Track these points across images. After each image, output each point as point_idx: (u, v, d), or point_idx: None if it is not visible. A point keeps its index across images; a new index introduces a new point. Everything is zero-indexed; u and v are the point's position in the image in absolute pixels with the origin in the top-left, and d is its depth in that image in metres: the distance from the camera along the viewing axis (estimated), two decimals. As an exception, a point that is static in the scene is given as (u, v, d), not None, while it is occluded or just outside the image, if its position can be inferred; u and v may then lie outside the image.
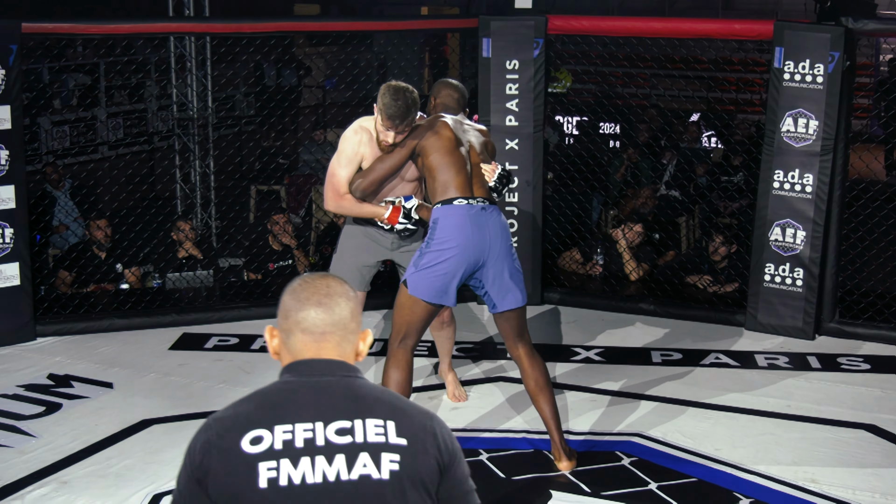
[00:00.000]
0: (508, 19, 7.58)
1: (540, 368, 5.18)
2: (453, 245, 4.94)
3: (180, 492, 2.35)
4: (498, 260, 5.01)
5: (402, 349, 5.08)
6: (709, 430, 5.66)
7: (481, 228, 4.97)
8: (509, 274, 5.04)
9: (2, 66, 6.61)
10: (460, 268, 4.96)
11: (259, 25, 7.49)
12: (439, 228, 4.98)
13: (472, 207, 4.99)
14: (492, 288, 5.06)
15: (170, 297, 7.79)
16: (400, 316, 5.08)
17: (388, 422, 2.37)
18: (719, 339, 7.16)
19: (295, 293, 2.45)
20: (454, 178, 5.04)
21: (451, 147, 5.09)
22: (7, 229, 6.78)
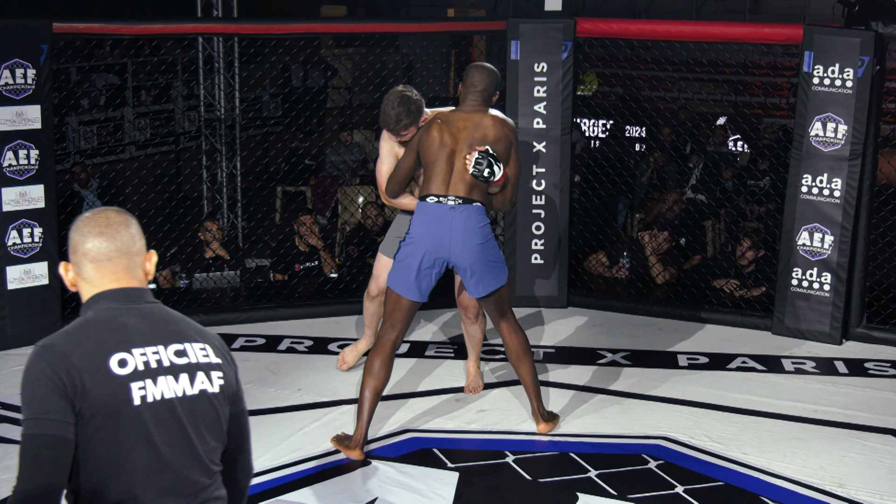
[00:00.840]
0: (537, 22, 7.58)
1: (519, 339, 5.55)
2: (419, 239, 5.33)
3: (47, 410, 2.58)
4: (464, 258, 5.31)
5: (386, 339, 5.40)
6: (736, 434, 5.64)
7: (443, 226, 5.29)
8: (479, 267, 5.33)
9: (32, 66, 6.65)
10: (425, 263, 5.32)
11: (287, 27, 7.51)
12: (412, 223, 5.41)
13: (440, 206, 5.31)
14: (465, 278, 5.43)
15: (197, 297, 7.82)
16: (386, 305, 5.48)
17: (206, 344, 2.84)
18: (746, 344, 7.14)
19: (79, 228, 2.77)
20: (433, 177, 5.37)
21: (434, 147, 5.37)
22: (36, 228, 6.82)
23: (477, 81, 5.49)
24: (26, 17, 7.11)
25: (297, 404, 5.97)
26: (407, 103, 5.58)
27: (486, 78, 5.49)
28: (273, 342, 7.02)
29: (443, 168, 5.35)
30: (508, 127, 5.48)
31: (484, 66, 5.56)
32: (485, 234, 5.36)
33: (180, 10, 15.38)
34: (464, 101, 5.50)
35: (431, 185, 5.36)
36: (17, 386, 5.96)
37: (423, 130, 5.47)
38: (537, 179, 7.62)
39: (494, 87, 5.53)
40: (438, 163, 5.36)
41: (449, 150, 5.35)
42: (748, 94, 16.39)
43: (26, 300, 6.83)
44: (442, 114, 5.52)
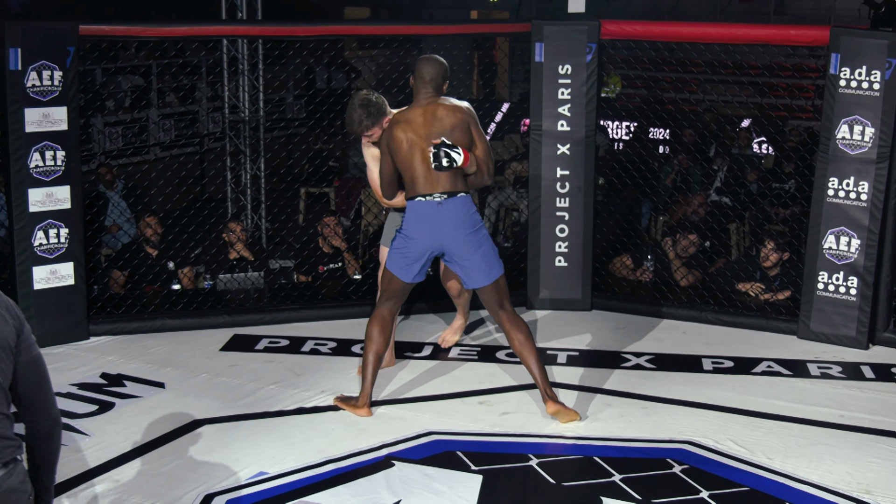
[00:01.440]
0: (562, 24, 7.56)
1: (521, 329, 5.83)
2: (413, 237, 5.74)
3: None
4: (457, 247, 5.72)
5: (384, 309, 5.88)
6: (761, 439, 5.61)
7: (433, 222, 5.69)
8: (473, 258, 5.72)
9: (59, 68, 6.68)
10: (420, 254, 5.76)
11: (312, 29, 7.50)
12: (405, 221, 5.80)
13: (428, 203, 5.70)
14: (459, 270, 5.80)
15: (221, 298, 7.83)
16: (383, 281, 5.94)
17: None
18: (771, 348, 7.10)
19: None
20: (416, 177, 5.72)
21: (403, 148, 5.75)
22: (62, 229, 6.85)
23: (426, 73, 5.83)
24: (53, 20, 7.13)
25: (322, 406, 5.97)
26: (367, 106, 5.88)
27: (434, 69, 5.84)
28: (297, 344, 7.03)
29: (421, 167, 5.71)
30: (462, 110, 5.82)
31: (431, 58, 5.90)
32: (474, 221, 5.76)
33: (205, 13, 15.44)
34: (417, 95, 5.85)
35: (417, 186, 5.72)
36: (42, 386, 5.97)
37: (388, 134, 5.81)
38: (561, 182, 7.60)
39: (444, 77, 5.86)
40: (415, 163, 5.72)
41: (420, 149, 5.72)
42: (773, 96, 16.32)
43: (52, 300, 6.87)
44: (401, 114, 5.85)
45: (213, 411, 5.88)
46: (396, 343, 6.95)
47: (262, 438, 5.52)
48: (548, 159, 7.59)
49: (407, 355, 6.80)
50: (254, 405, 5.98)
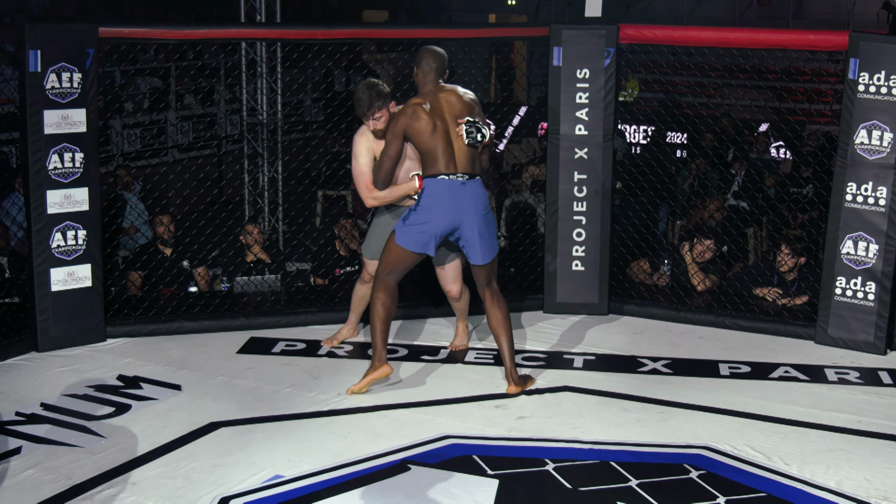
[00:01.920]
0: (580, 28, 7.53)
1: (503, 309, 6.17)
2: (435, 212, 5.96)
3: None
4: (470, 225, 6.01)
5: (389, 279, 6.10)
6: (778, 445, 5.57)
7: (458, 199, 5.96)
8: (479, 236, 6.03)
9: (78, 70, 6.69)
10: (438, 230, 5.99)
11: (331, 32, 7.50)
12: (424, 197, 5.99)
13: (452, 182, 5.97)
14: (466, 246, 6.09)
15: (238, 300, 7.83)
16: (388, 257, 6.11)
17: None
18: (789, 353, 7.06)
19: None
20: (437, 156, 5.96)
21: (429, 129, 5.96)
22: (80, 231, 6.86)
23: (433, 63, 6.12)
24: (72, 22, 7.14)
25: (338, 409, 5.96)
26: (374, 87, 6.15)
27: (439, 59, 6.15)
28: (313, 347, 7.02)
29: (445, 149, 5.97)
30: (470, 97, 6.15)
31: (433, 49, 6.19)
32: (487, 203, 6.11)
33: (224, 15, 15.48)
34: (426, 84, 6.12)
35: (438, 165, 5.96)
36: (61, 387, 6.05)
37: (411, 118, 5.98)
38: (578, 186, 7.58)
39: (446, 66, 6.17)
40: (439, 145, 5.96)
41: (443, 132, 5.98)
42: (791, 101, 16.27)
43: (70, 302, 6.88)
44: (421, 98, 6.05)
45: (229, 414, 5.87)
46: (413, 346, 6.96)
47: (279, 441, 5.52)
48: (565, 163, 7.57)
49: (423, 358, 6.79)
50: (270, 408, 5.97)
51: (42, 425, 5.70)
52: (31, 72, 6.56)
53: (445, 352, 6.91)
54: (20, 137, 6.78)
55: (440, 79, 6.14)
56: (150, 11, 17.58)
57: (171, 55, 14.85)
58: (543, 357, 6.88)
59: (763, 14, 21.53)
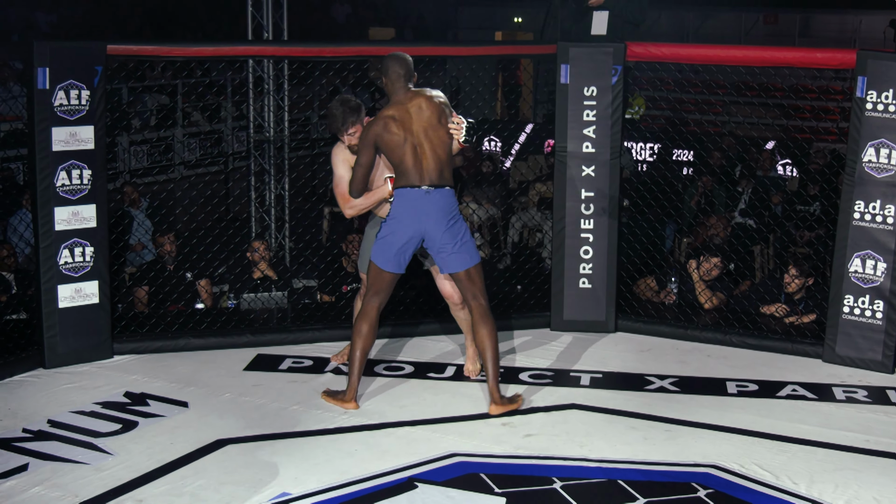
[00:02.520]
0: (587, 46, 7.55)
1: (487, 324, 6.11)
2: (398, 223, 6.01)
3: None
4: (438, 233, 6.01)
5: (371, 306, 6.13)
6: (786, 464, 5.56)
7: (420, 208, 5.98)
8: (451, 245, 6.03)
9: (87, 87, 6.71)
10: (405, 240, 6.01)
11: (338, 50, 7.52)
12: (392, 208, 6.07)
13: (416, 192, 5.98)
14: (437, 256, 6.09)
15: (244, 317, 7.83)
16: (368, 277, 6.19)
17: None
18: (796, 371, 7.04)
19: None
20: (407, 170, 6.00)
21: (399, 141, 5.98)
22: (88, 248, 6.86)
23: (400, 70, 6.11)
24: (80, 39, 7.16)
25: (344, 426, 5.95)
26: (347, 103, 6.29)
27: (406, 65, 6.13)
28: (320, 364, 7.01)
29: (414, 162, 6.00)
30: (440, 98, 6.13)
31: (397, 55, 6.17)
32: (455, 211, 6.07)
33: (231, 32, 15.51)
34: (396, 92, 6.11)
35: (408, 177, 6.00)
36: (68, 404, 6.05)
37: (381, 128, 6.00)
38: (586, 203, 7.58)
39: (413, 70, 6.16)
40: (406, 156, 5.99)
41: (411, 143, 6.00)
42: (798, 118, 16.27)
43: (77, 318, 6.88)
44: (390, 109, 6.05)
45: (236, 431, 5.87)
46: (420, 364, 6.95)
47: (285, 459, 5.51)
48: (572, 181, 7.57)
49: (430, 376, 6.78)
50: (277, 425, 5.96)
51: (49, 442, 5.70)
52: (39, 89, 6.57)
53: (452, 369, 6.90)
54: (28, 154, 6.80)
55: (409, 84, 6.14)
56: (157, 29, 17.62)
57: (179, 72, 14.89)
58: (550, 374, 6.87)
59: (769, 31, 21.56)
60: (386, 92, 6.21)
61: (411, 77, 6.16)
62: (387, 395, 6.44)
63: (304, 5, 18.13)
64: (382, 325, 7.41)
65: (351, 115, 6.25)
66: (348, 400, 6.18)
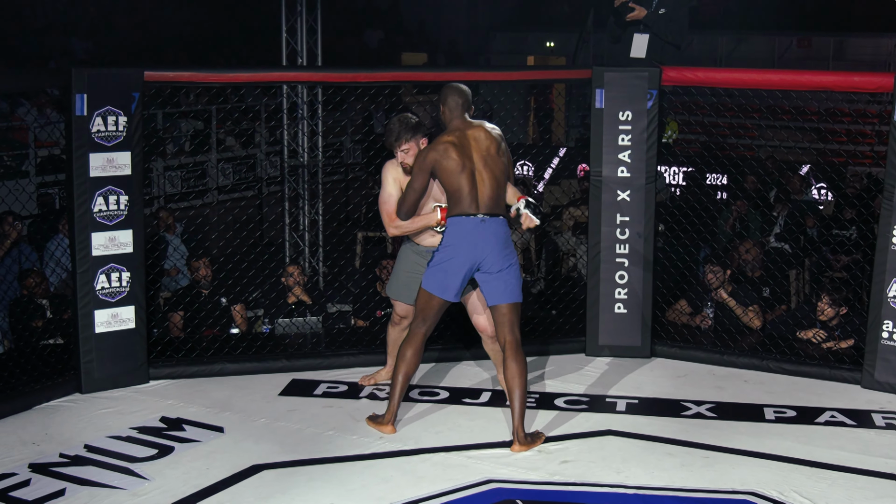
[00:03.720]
0: (622, 71, 7.54)
1: (519, 362, 6.00)
2: (454, 250, 5.97)
3: None
4: (492, 261, 5.98)
5: (418, 332, 6.12)
6: (825, 491, 5.50)
7: (477, 237, 5.96)
8: (503, 276, 5.99)
9: (124, 114, 6.75)
10: (458, 268, 5.98)
11: (373, 75, 7.54)
12: (446, 236, 6.03)
13: (472, 220, 5.95)
14: (485, 285, 6.04)
15: (279, 342, 7.84)
16: (417, 304, 6.16)
17: None
18: (834, 397, 6.98)
19: None
20: (462, 196, 5.97)
21: (457, 169, 5.96)
22: (124, 273, 6.90)
23: (458, 99, 6.13)
24: (116, 66, 7.22)
25: (380, 452, 5.94)
26: (406, 121, 6.29)
27: (463, 94, 6.16)
28: (355, 389, 7.00)
29: (470, 189, 5.97)
30: (497, 132, 6.16)
31: (456, 86, 6.21)
32: (509, 241, 6.09)
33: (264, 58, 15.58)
34: (452, 121, 6.13)
35: (463, 205, 5.98)
36: (105, 429, 6.06)
37: (440, 154, 5.99)
38: (621, 228, 7.56)
39: (470, 101, 6.19)
40: (463, 184, 5.96)
41: (469, 171, 5.98)
42: (833, 142, 16.17)
43: (113, 343, 6.91)
44: (450, 136, 6.05)
45: (272, 456, 5.87)
46: (455, 389, 6.93)
47: (321, 484, 5.50)
48: (607, 205, 7.55)
49: (465, 402, 6.76)
50: (313, 451, 5.96)
51: (86, 467, 5.72)
52: (77, 115, 6.63)
53: (487, 395, 6.88)
54: (66, 180, 6.85)
55: (466, 114, 6.15)
56: (193, 56, 17.74)
57: (213, 98, 14.97)
58: (586, 400, 6.83)
59: (803, 55, 21.49)
60: (443, 120, 6.21)
61: (469, 108, 6.17)
62: (422, 421, 6.42)
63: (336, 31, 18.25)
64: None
65: (407, 132, 6.26)
66: (386, 423, 6.18)
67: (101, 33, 18.04)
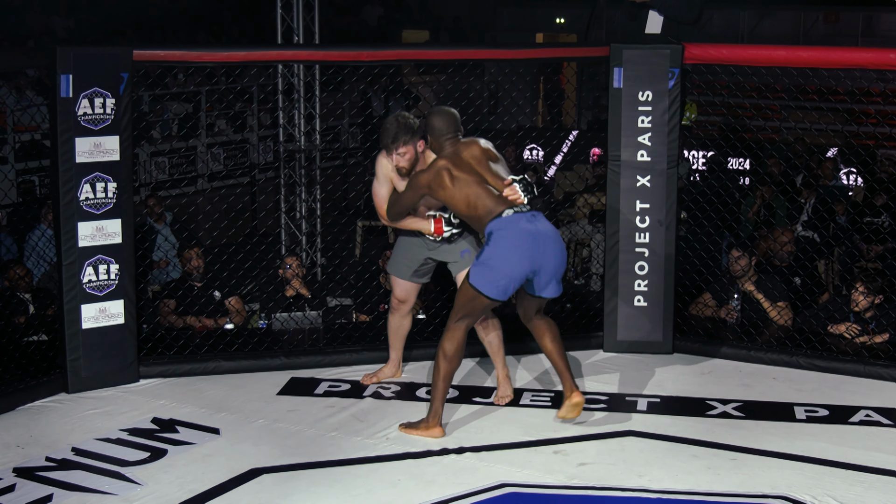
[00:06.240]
0: (642, 48, 7.52)
1: (553, 327, 6.22)
2: (515, 254, 5.86)
3: None
4: (552, 265, 5.97)
5: (459, 327, 6.04)
6: (862, 495, 5.49)
7: (535, 236, 5.90)
8: (555, 271, 6.02)
9: (112, 95, 6.74)
10: (522, 272, 5.90)
11: (376, 54, 7.50)
12: (498, 235, 5.89)
13: (523, 216, 5.92)
14: (546, 281, 6.02)
15: (277, 338, 7.83)
16: (459, 301, 6.04)
17: None
18: (869, 395, 6.97)
19: None
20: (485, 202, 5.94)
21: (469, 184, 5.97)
22: (112, 265, 6.89)
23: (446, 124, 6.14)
24: (100, 44, 7.21)
25: (386, 454, 5.94)
26: (404, 120, 6.22)
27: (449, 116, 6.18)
28: (358, 388, 7.00)
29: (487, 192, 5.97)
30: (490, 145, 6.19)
31: (439, 110, 6.27)
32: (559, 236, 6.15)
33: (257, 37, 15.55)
34: (444, 147, 6.12)
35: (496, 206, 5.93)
36: (93, 431, 6.07)
37: (434, 182, 6.02)
38: (641, 216, 7.55)
39: (459, 122, 6.22)
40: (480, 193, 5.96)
41: (479, 179, 5.99)
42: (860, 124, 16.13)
43: (101, 340, 6.90)
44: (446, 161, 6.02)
45: (271, 459, 5.87)
46: (465, 387, 6.93)
47: (324, 489, 5.50)
48: (626, 191, 7.54)
49: (475, 400, 6.76)
50: (314, 453, 5.96)
51: (74, 471, 5.72)
52: (62, 97, 6.60)
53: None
54: (50, 166, 6.82)
55: (458, 134, 6.17)
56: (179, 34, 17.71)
57: (206, 79, 14.94)
58: (605, 399, 6.83)
59: (830, 31, 21.45)
60: (433, 150, 6.21)
61: (459, 128, 6.19)
62: (431, 422, 6.42)
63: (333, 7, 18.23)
64: (425, 346, 7.42)
65: (404, 133, 6.20)
66: (433, 426, 6.13)
67: (83, 10, 18.00)
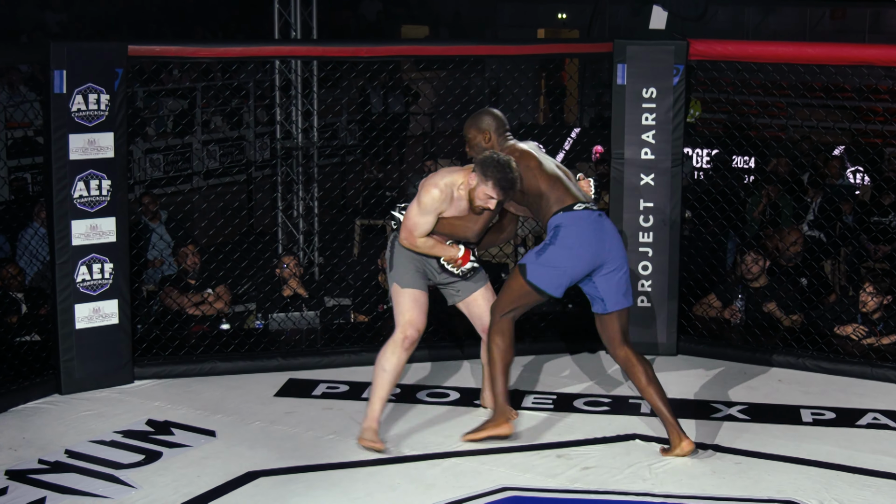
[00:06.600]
0: (646, 44, 7.50)
1: (647, 364, 5.93)
2: (580, 250, 5.75)
3: None
4: (615, 262, 5.82)
5: (507, 320, 5.93)
6: (870, 499, 5.49)
7: (602, 233, 5.80)
8: (622, 276, 5.86)
9: (106, 91, 6.72)
10: (583, 270, 5.79)
11: (376, 49, 7.48)
12: (564, 231, 5.77)
13: (591, 213, 5.82)
14: (605, 288, 5.85)
15: (274, 339, 7.82)
16: (509, 296, 5.92)
17: None
18: (877, 398, 6.96)
19: None
20: (564, 191, 5.85)
21: (542, 170, 5.88)
22: (107, 264, 6.87)
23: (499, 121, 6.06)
24: (93, 39, 7.19)
25: (386, 458, 5.92)
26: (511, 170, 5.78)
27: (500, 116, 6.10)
28: (357, 389, 6.99)
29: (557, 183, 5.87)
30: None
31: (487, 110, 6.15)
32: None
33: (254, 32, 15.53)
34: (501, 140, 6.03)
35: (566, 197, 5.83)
36: (87, 433, 6.05)
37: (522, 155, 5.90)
38: (644, 215, 7.53)
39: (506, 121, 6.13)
40: (552, 182, 5.85)
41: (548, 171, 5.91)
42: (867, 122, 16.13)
43: (95, 340, 6.89)
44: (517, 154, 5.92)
45: (268, 462, 5.85)
46: (465, 390, 6.93)
47: (322, 493, 5.49)
48: (630, 190, 7.53)
49: (476, 404, 6.74)
50: (312, 456, 5.95)
51: (67, 474, 5.70)
52: (55, 93, 6.59)
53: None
54: (43, 163, 6.81)
55: (508, 133, 6.08)
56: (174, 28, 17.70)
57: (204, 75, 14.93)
58: (608, 402, 6.82)
59: (837, 27, 21.45)
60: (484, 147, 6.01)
61: (506, 127, 6.09)
62: (430, 424, 6.41)
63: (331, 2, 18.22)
64: (424, 347, 7.39)
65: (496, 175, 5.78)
66: (500, 424, 6.01)
67: (76, 5, 18.00)
